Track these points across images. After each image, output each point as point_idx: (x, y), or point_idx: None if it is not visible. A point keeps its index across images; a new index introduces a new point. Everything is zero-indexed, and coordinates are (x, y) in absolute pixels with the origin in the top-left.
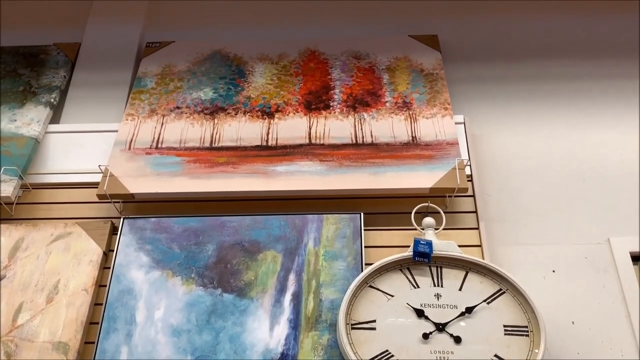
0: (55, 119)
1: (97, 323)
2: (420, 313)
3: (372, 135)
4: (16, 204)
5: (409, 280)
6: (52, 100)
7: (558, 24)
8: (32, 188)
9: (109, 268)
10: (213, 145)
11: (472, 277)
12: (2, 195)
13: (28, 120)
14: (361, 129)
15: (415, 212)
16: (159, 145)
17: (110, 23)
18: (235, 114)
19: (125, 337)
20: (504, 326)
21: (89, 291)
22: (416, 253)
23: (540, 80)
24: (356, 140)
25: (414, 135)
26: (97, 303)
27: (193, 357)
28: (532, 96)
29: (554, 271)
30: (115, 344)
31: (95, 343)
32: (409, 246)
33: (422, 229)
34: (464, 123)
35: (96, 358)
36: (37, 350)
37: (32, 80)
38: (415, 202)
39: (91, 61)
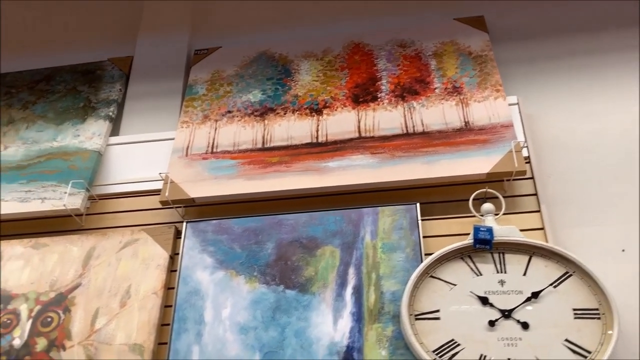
0: (114, 131)
1: (168, 324)
2: (484, 300)
3: (423, 124)
4: (85, 215)
5: (471, 268)
6: (111, 113)
7: None
8: (99, 199)
9: (176, 271)
10: (265, 145)
11: (536, 261)
12: (72, 207)
13: (90, 134)
14: (411, 118)
15: (473, 199)
16: (214, 150)
17: (159, 35)
18: (285, 114)
19: (196, 336)
20: (574, 309)
21: (159, 294)
22: (477, 240)
23: (594, 54)
24: (407, 130)
25: (466, 120)
26: (166, 305)
27: (261, 353)
28: (586, 71)
29: (623, 250)
30: (187, 344)
31: (168, 344)
32: (468, 234)
33: (481, 216)
34: (518, 104)
35: (170, 358)
36: (115, 352)
37: (91, 95)
38: (472, 188)
39: (144, 73)
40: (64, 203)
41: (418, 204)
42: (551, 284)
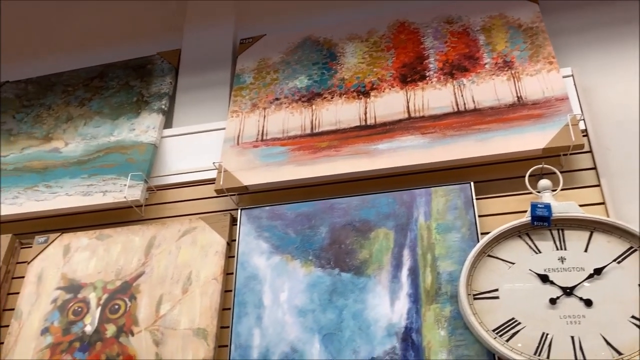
0: (167, 123)
1: (229, 309)
2: (544, 278)
3: (474, 101)
4: (144, 205)
5: (530, 246)
6: (163, 106)
7: None
8: (157, 190)
9: (233, 257)
10: (314, 131)
11: (597, 237)
12: (132, 199)
13: (145, 128)
14: (462, 96)
15: (529, 175)
16: (264, 137)
17: (205, 26)
18: (332, 98)
19: (256, 319)
20: None
21: (219, 279)
22: (535, 217)
23: None
24: (458, 108)
25: (519, 95)
26: (226, 290)
27: (320, 335)
28: None
29: None
30: (248, 327)
31: (230, 327)
32: (525, 211)
33: (538, 192)
34: (572, 76)
35: (232, 341)
36: (180, 337)
37: (143, 90)
38: (528, 165)
39: (192, 65)
40: (125, 195)
41: (472, 183)
42: (614, 260)
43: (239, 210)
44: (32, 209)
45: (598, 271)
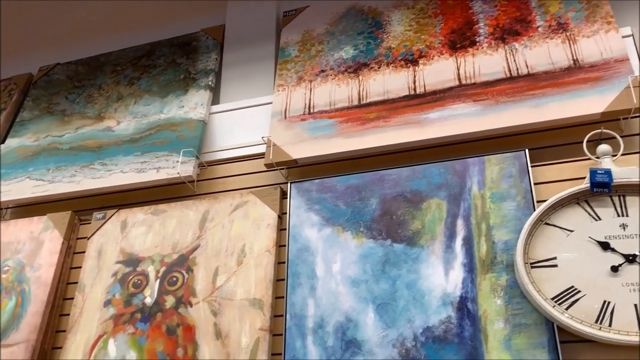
0: (215, 100)
1: (283, 280)
2: (605, 246)
3: (527, 66)
4: (196, 181)
5: (589, 213)
6: (210, 82)
7: None
8: (208, 165)
9: (285, 230)
10: (361, 102)
11: None
12: (185, 175)
13: (193, 104)
14: (514, 61)
15: (587, 141)
16: (311, 111)
17: (247, 1)
18: (379, 68)
19: (310, 290)
20: None
21: (272, 251)
22: (594, 184)
23: None
24: (510, 74)
25: (575, 58)
26: (279, 262)
27: (374, 304)
28: None
29: None
30: (302, 297)
31: (285, 297)
32: (583, 178)
33: (597, 158)
34: (632, 35)
35: (287, 311)
36: (236, 307)
37: (189, 67)
38: (586, 130)
39: (237, 40)
40: (178, 171)
41: (527, 150)
42: None
43: (289, 184)
44: (90, 187)
45: None
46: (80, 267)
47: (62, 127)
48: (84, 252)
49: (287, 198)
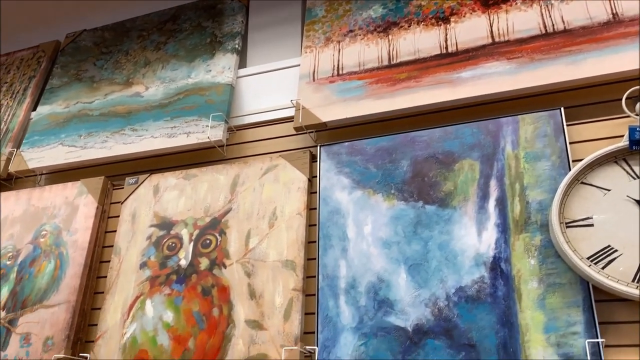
0: (241, 63)
1: (314, 242)
2: None
3: (563, 21)
4: (226, 145)
5: (627, 172)
6: (236, 46)
7: None
8: (237, 130)
9: (315, 193)
10: (392, 62)
11: None
12: (215, 139)
13: (220, 68)
14: (550, 16)
15: (626, 98)
16: (340, 72)
17: None
18: (409, 26)
19: (341, 251)
20: None
21: (303, 214)
22: (633, 142)
23: None
24: (546, 30)
25: (614, 11)
26: (310, 224)
27: (406, 265)
28: None
29: None
30: (334, 259)
31: (316, 259)
32: (620, 136)
33: (637, 115)
34: None
35: (320, 272)
36: (269, 268)
37: (215, 30)
38: (624, 87)
39: (262, 2)
40: (208, 135)
41: (562, 109)
42: None
43: (318, 147)
44: (121, 152)
45: None
46: (115, 231)
47: (91, 94)
48: (117, 216)
49: (316, 161)
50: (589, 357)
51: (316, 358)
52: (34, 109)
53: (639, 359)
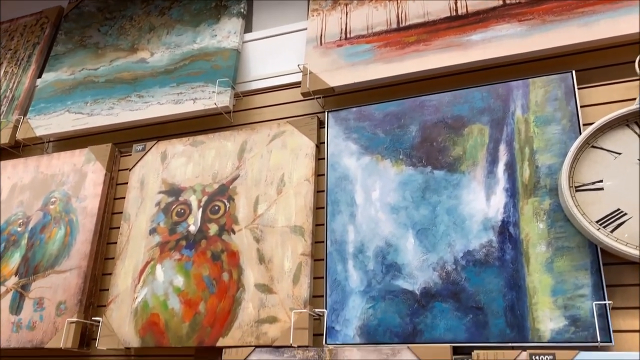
0: (247, 27)
1: (322, 208)
2: None
3: None
4: (233, 112)
5: (638, 135)
6: (242, 10)
7: None
8: (243, 96)
9: (323, 159)
10: (400, 25)
11: None
12: (222, 105)
13: (226, 33)
14: None
15: None
16: (348, 36)
17: None
18: None
19: (349, 217)
20: None
21: (310, 180)
22: None
23: None
24: None
25: None
26: (318, 191)
27: (414, 230)
28: None
29: None
30: (342, 224)
31: (325, 224)
32: (633, 99)
33: None
34: None
35: (328, 237)
36: (278, 234)
37: None
38: (637, 49)
39: None
40: (215, 102)
41: (574, 72)
42: None
43: (326, 113)
44: (128, 119)
45: None
46: (124, 198)
47: (96, 60)
48: (126, 183)
49: (324, 127)
50: (595, 319)
51: (325, 320)
52: (39, 76)
53: None
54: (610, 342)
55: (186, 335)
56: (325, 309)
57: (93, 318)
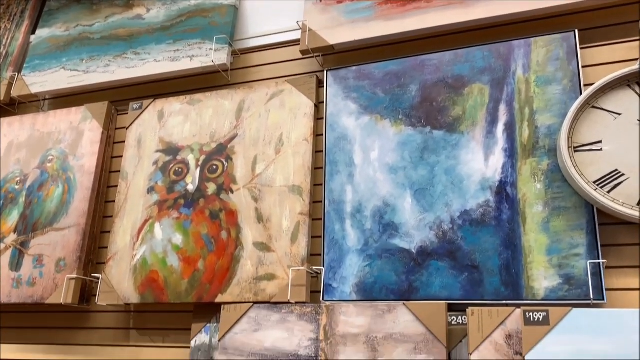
0: None
1: (321, 168)
2: None
3: None
4: (230, 70)
5: (639, 96)
6: None
7: None
8: (241, 54)
9: (322, 119)
10: None
11: None
12: (219, 63)
13: None
14: None
15: None
16: None
17: None
18: None
19: (348, 177)
20: None
21: (309, 140)
22: None
23: None
24: None
25: None
26: (317, 151)
27: (412, 190)
28: None
29: None
30: (340, 184)
31: (323, 184)
32: (635, 60)
33: None
34: None
35: (326, 197)
36: (277, 193)
37: None
38: None
39: None
40: (212, 59)
41: (576, 31)
42: None
43: (325, 72)
44: (124, 76)
45: None
46: (121, 156)
47: (91, 16)
48: (123, 141)
49: (323, 87)
50: (589, 278)
51: (322, 278)
52: (33, 32)
53: (639, 279)
54: (603, 300)
55: (185, 292)
56: (323, 267)
57: (92, 275)
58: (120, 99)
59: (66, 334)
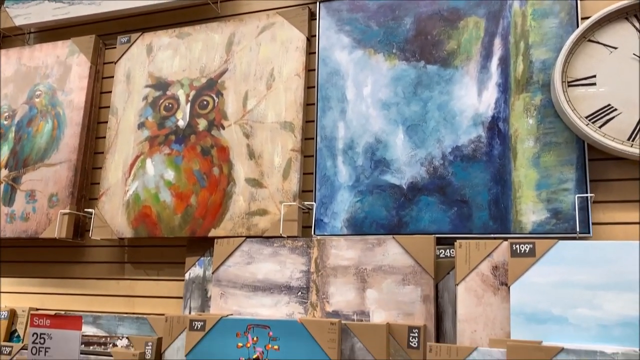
0: None
1: (313, 104)
2: None
3: None
4: (220, 2)
5: (636, 29)
6: None
7: None
8: None
9: (314, 53)
10: None
11: None
12: None
13: None
14: None
15: None
16: None
17: None
18: None
19: (340, 113)
20: None
21: (301, 75)
22: None
23: None
24: None
25: None
26: (309, 86)
27: (404, 126)
28: None
29: None
30: (332, 120)
31: (315, 121)
32: None
33: None
34: None
35: (318, 133)
36: (268, 129)
37: None
38: None
39: None
40: None
41: None
42: None
43: (318, 4)
44: (111, 8)
45: None
46: (110, 92)
47: None
48: (112, 77)
49: (315, 19)
50: (577, 212)
51: (314, 213)
52: None
53: (625, 213)
54: (589, 233)
55: (178, 226)
56: (314, 202)
57: (85, 210)
58: (107, 32)
59: (62, 268)
